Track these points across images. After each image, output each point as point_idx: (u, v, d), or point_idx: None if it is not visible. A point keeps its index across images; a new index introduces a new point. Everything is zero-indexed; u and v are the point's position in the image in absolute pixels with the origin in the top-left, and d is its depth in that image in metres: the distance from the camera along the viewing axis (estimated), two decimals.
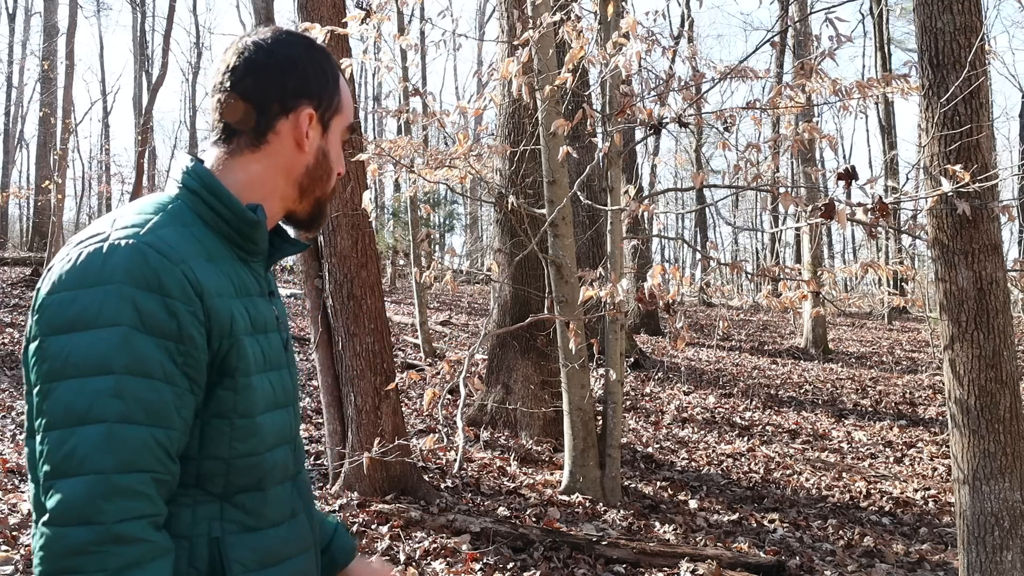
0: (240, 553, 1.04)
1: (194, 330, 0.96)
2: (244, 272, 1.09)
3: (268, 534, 1.09)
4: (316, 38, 4.25)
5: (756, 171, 4.51)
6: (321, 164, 1.15)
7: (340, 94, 1.17)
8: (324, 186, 1.17)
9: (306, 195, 1.16)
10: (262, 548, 1.07)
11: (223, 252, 1.06)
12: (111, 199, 27.15)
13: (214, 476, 1.03)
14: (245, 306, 1.06)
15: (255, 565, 1.05)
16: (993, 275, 2.98)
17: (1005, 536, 2.94)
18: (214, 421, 1.02)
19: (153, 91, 15.71)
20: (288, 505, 1.13)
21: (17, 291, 11.97)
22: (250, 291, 1.09)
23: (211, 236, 1.05)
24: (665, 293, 3.80)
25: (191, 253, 0.99)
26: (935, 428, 8.06)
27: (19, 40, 25.64)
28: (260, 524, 1.08)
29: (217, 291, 1.00)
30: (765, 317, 19.06)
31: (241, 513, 1.05)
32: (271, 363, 1.10)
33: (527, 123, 6.36)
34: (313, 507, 1.24)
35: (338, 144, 1.18)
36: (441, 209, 19.98)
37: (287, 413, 1.13)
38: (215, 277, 1.01)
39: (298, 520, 1.15)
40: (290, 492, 1.15)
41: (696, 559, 3.92)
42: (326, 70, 1.15)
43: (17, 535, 3.75)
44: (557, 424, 6.10)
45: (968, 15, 3.03)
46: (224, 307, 1.01)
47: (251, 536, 1.06)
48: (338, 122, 1.17)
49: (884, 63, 18.31)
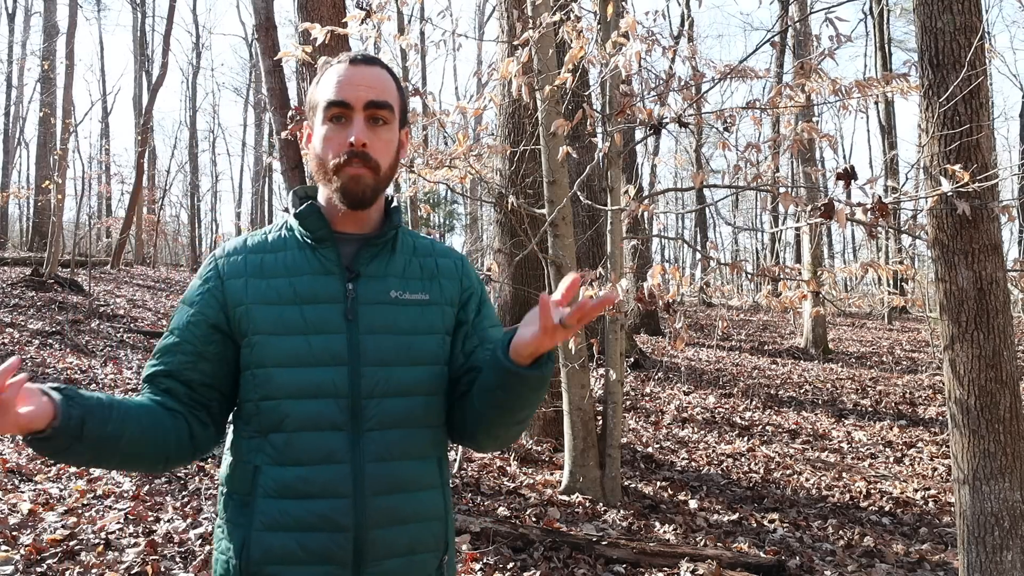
0: (265, 481, 1.29)
1: (210, 296, 1.36)
2: (306, 256, 1.37)
3: (290, 471, 1.28)
4: (316, 39, 4.26)
5: (756, 171, 4.51)
6: (315, 151, 1.39)
7: (315, 92, 1.40)
8: (323, 166, 1.37)
9: (321, 177, 1.39)
10: (283, 481, 1.28)
11: (291, 244, 1.39)
12: (111, 199, 27.17)
13: (251, 416, 1.33)
14: (292, 283, 1.34)
15: (275, 494, 1.28)
16: (993, 275, 2.98)
17: (1005, 536, 2.94)
18: (244, 372, 1.33)
19: (153, 91, 15.70)
20: (322, 451, 1.28)
21: (17, 291, 11.95)
22: (303, 271, 1.36)
23: (287, 235, 1.40)
24: (665, 293, 3.80)
25: (234, 252, 1.39)
26: (935, 428, 8.06)
27: (19, 40, 25.66)
28: (284, 461, 1.29)
29: (237, 274, 1.36)
30: (765, 317, 19.06)
31: (272, 450, 1.30)
32: (312, 327, 1.32)
33: (527, 123, 6.36)
34: (388, 464, 1.31)
35: (324, 126, 1.37)
36: (441, 209, 19.98)
37: (331, 372, 1.30)
38: (248, 266, 1.37)
39: (335, 468, 1.28)
40: (330, 441, 1.29)
41: (696, 559, 3.92)
42: (313, 81, 1.44)
43: (17, 535, 3.75)
44: (557, 424, 6.10)
45: (968, 15, 3.03)
46: (239, 286, 1.35)
47: (276, 469, 1.29)
48: (318, 111, 1.39)
49: (884, 63, 18.31)
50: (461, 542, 3.99)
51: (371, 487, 1.29)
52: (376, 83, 1.37)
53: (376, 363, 1.32)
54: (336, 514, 1.27)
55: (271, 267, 1.36)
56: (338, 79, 1.36)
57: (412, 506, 1.33)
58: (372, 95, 1.35)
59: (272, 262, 1.36)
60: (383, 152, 1.37)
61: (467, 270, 1.50)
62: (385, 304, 1.37)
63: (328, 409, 1.29)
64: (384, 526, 1.29)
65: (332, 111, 1.35)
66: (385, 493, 1.30)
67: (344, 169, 1.33)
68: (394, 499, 1.31)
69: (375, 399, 1.31)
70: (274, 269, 1.36)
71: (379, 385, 1.31)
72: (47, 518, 4.03)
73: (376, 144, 1.36)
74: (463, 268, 1.50)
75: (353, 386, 1.30)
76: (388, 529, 1.30)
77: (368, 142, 1.34)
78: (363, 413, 1.30)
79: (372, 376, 1.31)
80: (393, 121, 1.39)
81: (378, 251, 1.41)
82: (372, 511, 1.29)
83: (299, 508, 1.27)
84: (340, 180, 1.34)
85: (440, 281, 1.44)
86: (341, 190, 1.35)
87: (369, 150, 1.34)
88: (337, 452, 1.28)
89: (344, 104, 1.34)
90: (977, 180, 2.94)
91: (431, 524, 1.36)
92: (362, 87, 1.35)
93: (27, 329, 9.73)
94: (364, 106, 1.35)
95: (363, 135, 1.33)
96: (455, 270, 1.48)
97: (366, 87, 1.36)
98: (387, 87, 1.39)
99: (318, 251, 1.37)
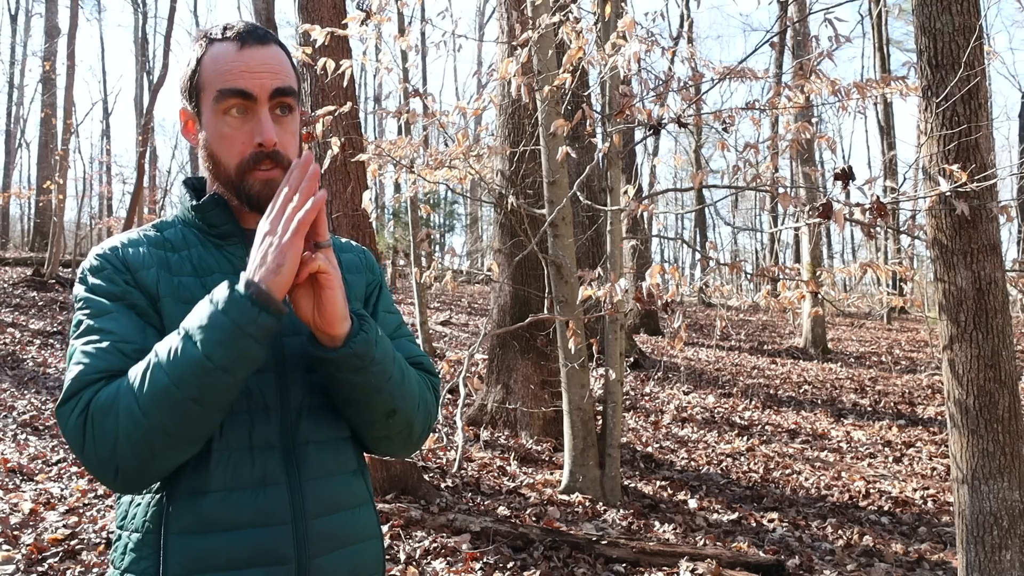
0: (179, 514, 1.08)
1: (132, 293, 1.14)
2: (212, 255, 1.21)
3: (214, 498, 1.09)
4: (316, 40, 4.26)
5: (755, 171, 4.52)
6: (207, 148, 1.19)
7: (199, 72, 1.18)
8: (221, 167, 1.18)
9: (218, 178, 1.21)
10: (204, 512, 1.08)
11: (192, 240, 1.22)
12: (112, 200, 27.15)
13: None
14: (202, 282, 1.17)
15: (196, 528, 1.07)
16: (992, 275, 2.99)
17: (1004, 535, 2.95)
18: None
19: (154, 92, 15.70)
20: (255, 473, 1.11)
21: (18, 291, 11.97)
22: (212, 269, 1.19)
23: (184, 231, 1.23)
24: (663, 293, 3.80)
25: (132, 244, 1.19)
26: (934, 428, 8.07)
27: (20, 41, 25.68)
28: (205, 487, 1.09)
29: (145, 266, 1.16)
30: (764, 317, 19.06)
31: (189, 475, 1.09)
32: None
33: (527, 123, 6.37)
34: (325, 482, 1.17)
35: (219, 120, 1.16)
36: (441, 209, 19.98)
37: (256, 380, 1.12)
38: (151, 259, 1.17)
39: (270, 491, 1.11)
40: (263, 460, 1.11)
41: (695, 558, 3.93)
42: (189, 60, 1.20)
43: (19, 534, 3.76)
44: (557, 424, 6.11)
45: (967, 15, 3.04)
46: (151, 278, 1.15)
47: (193, 499, 1.08)
48: (206, 99, 1.18)
49: (883, 64, 18.31)
50: (461, 541, 4.00)
51: (311, 510, 1.14)
52: (278, 66, 1.18)
53: (302, 369, 1.17)
54: (277, 544, 1.10)
55: (178, 265, 1.18)
56: (234, 62, 1.16)
57: (351, 526, 1.19)
58: (277, 82, 1.17)
59: (178, 261, 1.18)
60: (291, 146, 1.20)
61: (371, 262, 1.39)
62: None
63: (259, 423, 1.12)
64: (326, 552, 1.15)
65: (230, 102, 1.15)
66: (324, 515, 1.15)
67: (253, 173, 1.16)
68: (333, 521, 1.17)
69: (305, 409, 1.16)
70: (181, 267, 1.18)
71: (307, 394, 1.17)
72: (48, 517, 4.04)
73: (285, 139, 1.19)
74: (367, 261, 1.38)
75: (282, 396, 1.15)
76: (330, 555, 1.15)
77: (278, 139, 1.16)
78: (296, 426, 1.15)
79: (300, 384, 1.17)
80: (296, 106, 1.22)
81: None
82: (314, 537, 1.13)
83: (229, 542, 1.07)
84: (251, 186, 1.16)
85: (347, 277, 1.29)
86: (254, 197, 1.17)
87: (279, 148, 1.17)
88: (272, 473, 1.12)
89: (246, 95, 1.15)
90: (976, 180, 2.95)
91: (370, 544, 1.23)
92: (265, 73, 1.16)
93: (28, 329, 9.73)
94: (269, 96, 1.16)
95: (273, 133, 1.15)
96: (360, 264, 1.36)
97: (269, 73, 1.16)
98: (287, 68, 1.20)
99: (224, 249, 1.21)
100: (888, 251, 16.87)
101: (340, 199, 4.68)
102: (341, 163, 4.58)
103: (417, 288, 9.61)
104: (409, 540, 4.02)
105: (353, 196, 4.72)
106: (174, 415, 1.01)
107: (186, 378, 1.00)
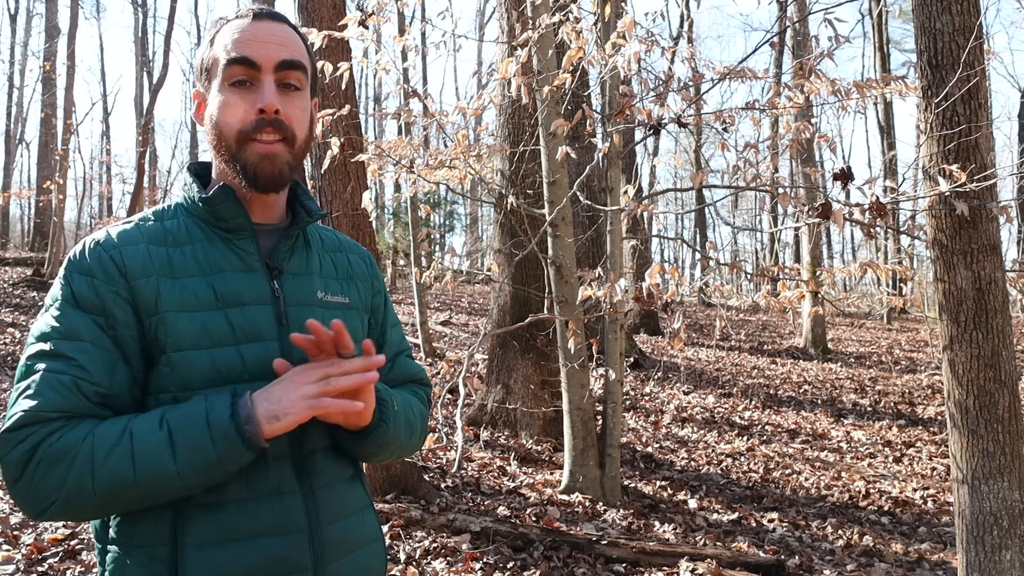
0: (195, 525, 1.06)
1: (116, 308, 1.07)
2: (219, 249, 1.14)
3: (232, 508, 1.08)
4: (314, 43, 4.26)
5: (755, 171, 4.52)
6: (211, 119, 1.16)
7: (211, 50, 1.17)
8: (223, 138, 1.14)
9: (219, 151, 1.16)
10: (223, 521, 1.07)
11: (198, 235, 1.15)
12: (112, 200, 27.16)
13: None
14: (210, 283, 1.11)
15: (215, 538, 1.06)
16: (992, 275, 2.99)
17: (1004, 535, 2.95)
18: (160, 396, 1.08)
19: (154, 92, 15.70)
20: (271, 482, 1.10)
21: (18, 291, 11.97)
22: (220, 267, 1.13)
23: (188, 223, 1.16)
24: (663, 293, 3.80)
25: (130, 241, 1.11)
26: (934, 428, 8.07)
27: (20, 41, 25.69)
28: (221, 499, 1.07)
29: (145, 273, 1.08)
30: (764, 317, 19.06)
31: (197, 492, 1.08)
32: (243, 335, 1.11)
33: (527, 123, 6.37)
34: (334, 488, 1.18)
35: (224, 90, 1.14)
36: (441, 209, 19.98)
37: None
38: (152, 263, 1.10)
39: (285, 499, 1.11)
40: (276, 469, 1.11)
41: (696, 558, 3.93)
42: (201, 41, 1.23)
43: (19, 534, 3.76)
44: (557, 424, 6.11)
45: (967, 16, 3.04)
46: (150, 289, 1.08)
47: (209, 509, 1.07)
48: (215, 73, 1.15)
49: (883, 64, 18.31)
50: (461, 541, 4.00)
51: (325, 517, 1.14)
52: (287, 41, 1.15)
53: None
54: (293, 552, 1.10)
55: (181, 264, 1.11)
56: (241, 35, 1.13)
57: (360, 530, 1.21)
58: (284, 54, 1.13)
59: (181, 258, 1.11)
60: (298, 121, 1.15)
61: (375, 270, 1.37)
62: (314, 306, 1.19)
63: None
64: (339, 558, 1.15)
65: (234, 71, 1.12)
66: (336, 521, 1.16)
67: (253, 143, 1.12)
68: (343, 526, 1.17)
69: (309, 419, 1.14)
70: (185, 267, 1.11)
71: None
72: None
73: (290, 111, 1.13)
74: (372, 268, 1.36)
75: None
76: (342, 561, 1.16)
77: (281, 108, 1.12)
78: (301, 435, 1.13)
79: None
80: (306, 88, 1.18)
81: (294, 243, 1.22)
82: (328, 543, 1.14)
83: (248, 551, 1.07)
84: (248, 157, 1.12)
85: (356, 283, 1.29)
86: (251, 170, 1.12)
87: (283, 117, 1.12)
88: (286, 481, 1.12)
89: (250, 63, 1.11)
90: (975, 180, 2.95)
91: (374, 546, 1.24)
92: (272, 44, 1.13)
93: (28, 329, 9.74)
94: (275, 67, 1.12)
95: (275, 100, 1.11)
96: (366, 270, 1.34)
97: (276, 44, 1.13)
98: (299, 47, 1.17)
99: (233, 243, 1.15)
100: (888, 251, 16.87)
101: (340, 199, 4.68)
102: (341, 163, 4.58)
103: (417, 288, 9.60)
104: (409, 540, 4.02)
105: (353, 196, 4.72)
106: (123, 500, 1.02)
107: (151, 482, 1.00)
